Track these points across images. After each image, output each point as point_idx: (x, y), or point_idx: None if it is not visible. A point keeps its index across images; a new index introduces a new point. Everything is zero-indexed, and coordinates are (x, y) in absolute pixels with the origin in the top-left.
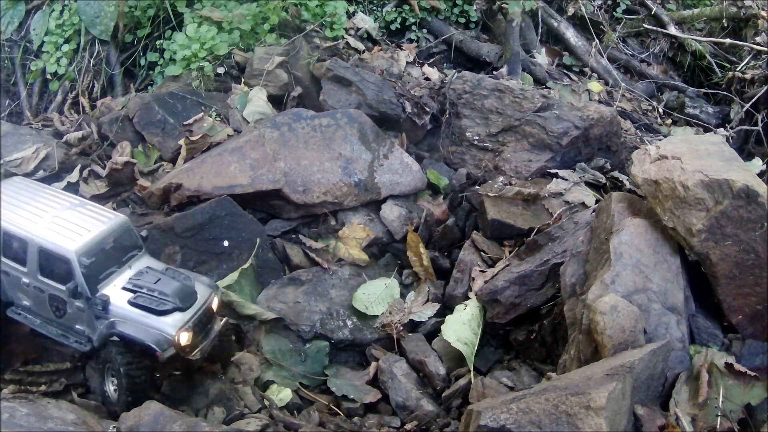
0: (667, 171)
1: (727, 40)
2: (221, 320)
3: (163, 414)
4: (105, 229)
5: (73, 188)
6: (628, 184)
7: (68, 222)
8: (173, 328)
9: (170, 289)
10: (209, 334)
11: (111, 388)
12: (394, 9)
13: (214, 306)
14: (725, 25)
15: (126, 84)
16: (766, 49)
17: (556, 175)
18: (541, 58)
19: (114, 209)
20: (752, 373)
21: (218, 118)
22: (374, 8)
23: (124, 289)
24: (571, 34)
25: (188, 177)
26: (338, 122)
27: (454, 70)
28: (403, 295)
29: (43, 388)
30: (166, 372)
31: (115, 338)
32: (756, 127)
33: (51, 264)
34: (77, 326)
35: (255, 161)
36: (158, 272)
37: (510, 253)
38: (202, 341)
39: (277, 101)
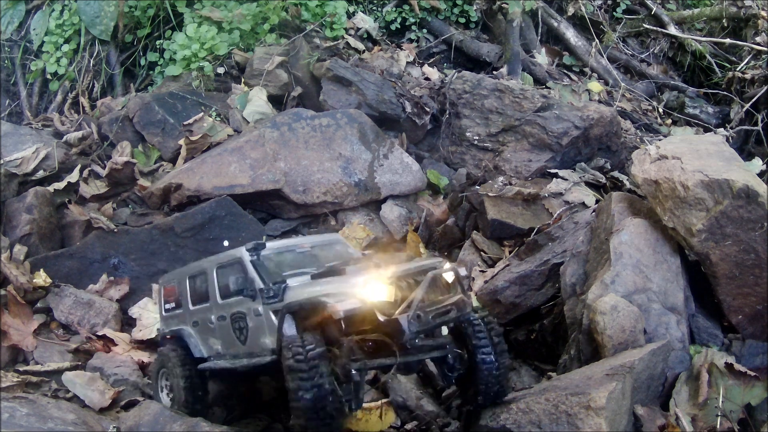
0: (667, 171)
1: (727, 40)
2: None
3: (163, 414)
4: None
5: (73, 188)
6: (628, 184)
7: None
8: (363, 283)
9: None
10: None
11: None
12: (394, 9)
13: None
14: (725, 25)
15: (126, 84)
16: (766, 49)
17: (556, 175)
18: (541, 58)
19: (114, 209)
20: (752, 373)
21: (218, 118)
22: (374, 8)
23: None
24: (571, 34)
25: (188, 177)
26: (338, 122)
27: (454, 70)
28: None
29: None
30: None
31: None
32: (756, 127)
33: (227, 278)
34: (261, 341)
35: (255, 161)
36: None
37: (510, 253)
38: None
39: (277, 101)
